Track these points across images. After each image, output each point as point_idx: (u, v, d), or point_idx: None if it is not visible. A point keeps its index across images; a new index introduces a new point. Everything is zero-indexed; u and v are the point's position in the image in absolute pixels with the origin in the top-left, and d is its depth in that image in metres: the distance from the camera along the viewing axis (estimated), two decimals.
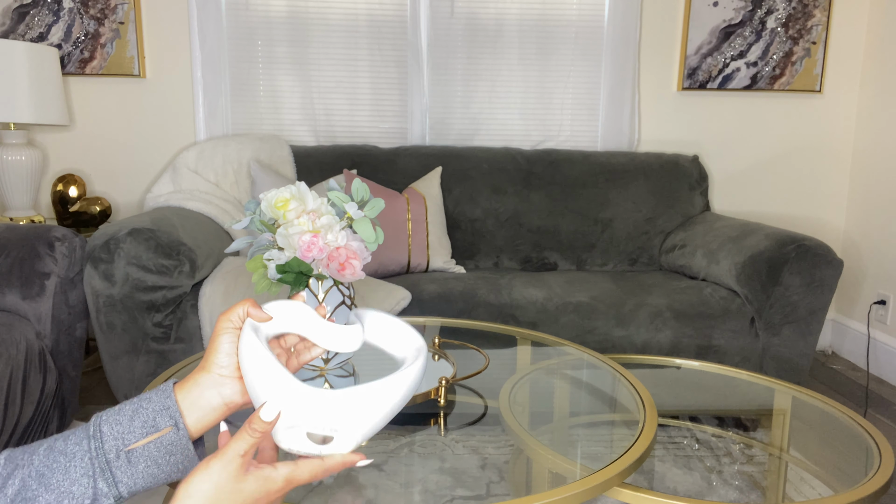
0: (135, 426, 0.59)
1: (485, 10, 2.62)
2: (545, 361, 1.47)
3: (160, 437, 0.59)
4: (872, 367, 2.59)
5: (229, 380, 0.62)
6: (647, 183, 2.52)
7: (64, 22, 2.50)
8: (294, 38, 2.59)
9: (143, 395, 0.61)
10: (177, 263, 1.78)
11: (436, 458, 1.05)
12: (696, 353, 1.96)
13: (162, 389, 0.61)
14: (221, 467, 0.54)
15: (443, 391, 1.16)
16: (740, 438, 1.36)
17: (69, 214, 2.48)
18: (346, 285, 1.24)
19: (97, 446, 0.57)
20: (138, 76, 2.57)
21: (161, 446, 0.59)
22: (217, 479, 0.54)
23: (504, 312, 1.94)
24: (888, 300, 2.53)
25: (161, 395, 0.60)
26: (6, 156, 2.30)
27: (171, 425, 0.59)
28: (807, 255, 1.90)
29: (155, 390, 0.61)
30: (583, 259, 2.50)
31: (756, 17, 2.65)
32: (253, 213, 1.22)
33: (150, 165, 2.64)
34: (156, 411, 0.59)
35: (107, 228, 1.78)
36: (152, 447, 0.58)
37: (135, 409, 0.60)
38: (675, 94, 2.72)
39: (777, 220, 2.82)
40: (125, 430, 0.58)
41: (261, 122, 2.64)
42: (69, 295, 1.73)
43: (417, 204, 2.28)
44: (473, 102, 2.68)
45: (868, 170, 2.69)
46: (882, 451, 1.10)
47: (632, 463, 0.94)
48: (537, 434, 1.11)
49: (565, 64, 2.67)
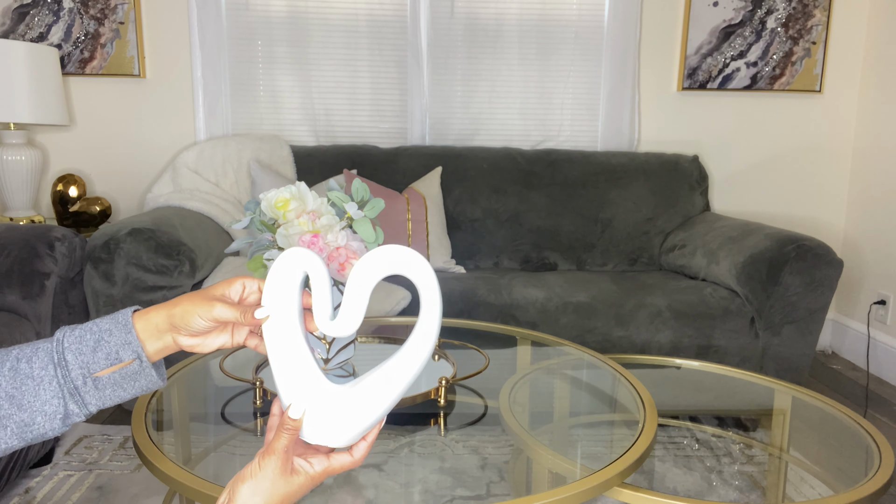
0: (98, 357, 0.63)
1: (485, 10, 2.62)
2: (545, 361, 1.47)
3: (124, 367, 0.64)
4: (872, 367, 2.59)
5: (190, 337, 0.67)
6: (647, 183, 2.52)
7: (64, 22, 2.50)
8: (294, 38, 2.59)
9: (104, 327, 0.64)
10: (177, 263, 1.78)
11: (436, 458, 1.05)
12: (696, 353, 1.96)
13: (122, 323, 0.65)
14: (273, 465, 0.63)
15: (443, 391, 1.16)
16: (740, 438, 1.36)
17: (69, 214, 2.48)
18: (346, 285, 1.24)
19: (64, 374, 0.62)
20: (138, 76, 2.57)
21: (126, 374, 0.64)
22: (272, 476, 0.62)
23: (504, 312, 1.94)
24: (888, 300, 2.53)
25: (122, 329, 0.64)
26: (6, 156, 2.30)
27: (134, 358, 0.64)
28: (807, 255, 1.90)
29: (115, 322, 0.65)
30: (583, 259, 2.50)
31: (756, 17, 2.65)
32: (253, 213, 1.22)
33: (150, 165, 2.64)
34: (118, 345, 0.64)
35: (107, 228, 1.78)
36: (117, 374, 0.64)
37: (97, 341, 0.64)
38: (675, 94, 2.72)
39: (777, 220, 2.82)
40: (89, 360, 0.63)
41: (261, 122, 2.64)
42: (69, 295, 1.73)
43: (417, 204, 2.28)
44: (473, 102, 2.68)
45: (868, 170, 2.69)
46: (882, 451, 1.10)
47: (632, 463, 0.94)
48: (537, 434, 1.11)
49: (565, 64, 2.67)
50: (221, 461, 1.05)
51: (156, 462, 0.92)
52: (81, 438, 1.81)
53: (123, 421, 1.93)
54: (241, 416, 1.17)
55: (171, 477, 0.88)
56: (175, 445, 1.06)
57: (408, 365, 0.66)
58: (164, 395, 1.19)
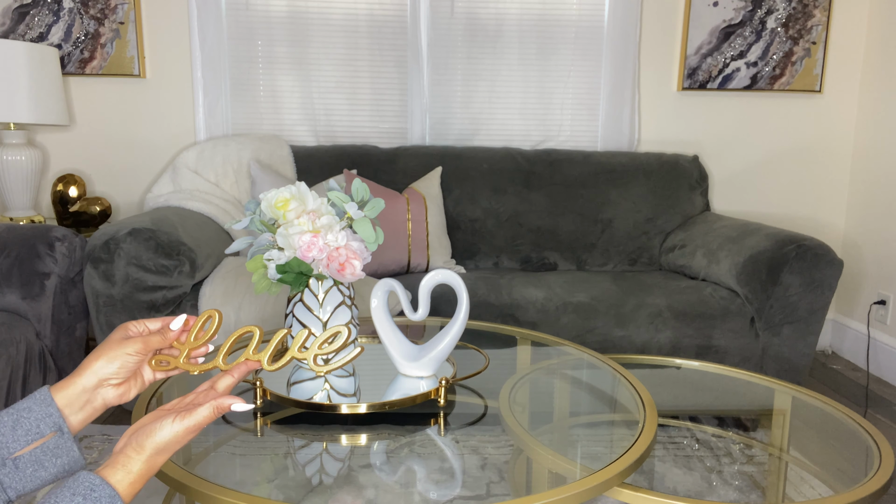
0: (18, 435, 0.63)
1: (485, 10, 2.62)
2: (545, 361, 1.47)
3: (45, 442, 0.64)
4: (872, 367, 2.59)
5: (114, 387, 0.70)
6: (647, 183, 2.52)
7: (64, 22, 2.50)
8: (294, 37, 2.59)
9: (21, 406, 0.65)
10: (177, 263, 1.78)
11: (436, 458, 1.05)
12: (696, 353, 1.96)
13: (40, 398, 0.65)
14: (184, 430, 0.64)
15: (443, 391, 1.16)
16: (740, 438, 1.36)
17: (69, 214, 2.48)
18: (346, 285, 1.24)
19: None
20: (138, 76, 2.57)
21: (47, 450, 0.64)
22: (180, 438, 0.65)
23: (504, 312, 1.94)
24: (888, 300, 2.53)
25: (41, 403, 0.65)
26: (6, 156, 2.30)
27: (55, 430, 0.65)
28: (807, 255, 1.90)
29: (33, 400, 0.65)
30: (583, 259, 2.50)
31: (756, 17, 2.65)
32: (253, 213, 1.22)
33: (150, 165, 2.64)
34: (38, 419, 0.64)
35: (107, 228, 1.78)
36: (38, 451, 0.64)
37: (15, 420, 0.64)
38: (675, 94, 2.72)
39: (777, 220, 2.82)
40: (8, 439, 0.63)
41: (261, 122, 2.64)
42: (69, 295, 1.73)
43: (417, 204, 2.28)
44: (473, 102, 2.68)
45: (868, 170, 2.69)
46: (882, 451, 1.10)
47: (632, 463, 0.94)
48: (537, 434, 1.11)
49: (565, 64, 2.67)
50: (221, 461, 1.05)
51: None
52: (81, 439, 1.81)
53: (123, 421, 1.93)
54: (241, 416, 1.17)
55: (171, 477, 0.88)
56: None
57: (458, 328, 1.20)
58: (164, 396, 1.19)
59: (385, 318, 1.23)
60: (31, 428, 0.64)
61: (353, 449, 1.09)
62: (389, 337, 1.23)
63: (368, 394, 1.17)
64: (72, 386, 0.68)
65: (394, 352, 1.23)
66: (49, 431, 0.64)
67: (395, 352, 1.23)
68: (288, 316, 1.24)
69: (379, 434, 1.11)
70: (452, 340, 1.21)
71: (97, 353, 0.70)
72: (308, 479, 1.00)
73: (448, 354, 1.23)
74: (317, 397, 1.15)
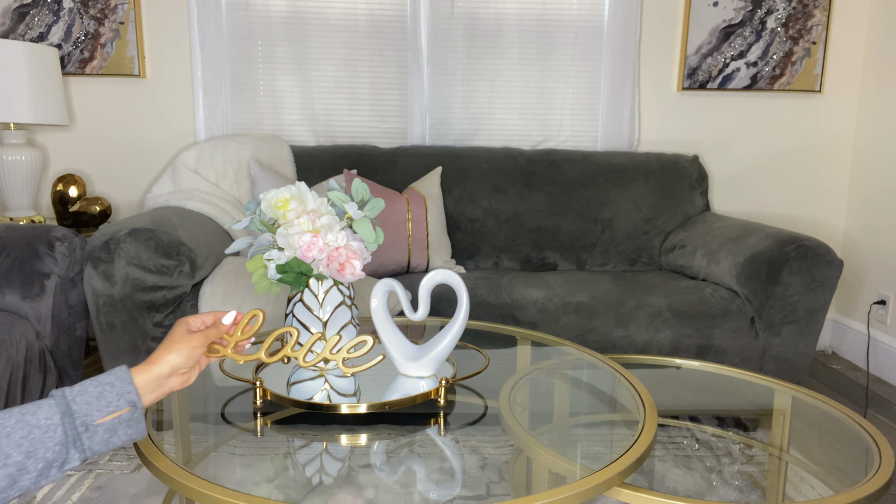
0: (101, 405, 0.75)
1: (485, 10, 2.62)
2: (545, 361, 1.47)
3: (121, 414, 0.76)
4: (872, 367, 2.59)
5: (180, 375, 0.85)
6: (647, 183, 2.52)
7: (64, 22, 2.50)
8: (294, 37, 2.59)
9: (105, 380, 0.77)
10: (177, 263, 1.78)
11: (436, 458, 1.05)
12: (696, 353, 1.96)
13: (121, 376, 0.78)
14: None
15: (443, 391, 1.16)
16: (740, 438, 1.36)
17: (69, 214, 2.48)
18: (346, 285, 1.24)
19: (69, 422, 0.72)
20: (138, 76, 2.57)
21: (122, 421, 0.76)
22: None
23: (504, 312, 1.94)
24: (888, 300, 2.53)
25: (122, 381, 0.77)
26: (6, 156, 2.30)
27: (130, 406, 0.77)
28: (807, 255, 1.90)
29: (114, 375, 0.78)
30: (583, 259, 2.50)
31: (756, 17, 2.65)
32: (253, 213, 1.22)
33: (150, 165, 2.64)
34: (119, 394, 0.76)
35: (107, 228, 1.78)
36: (115, 421, 0.75)
37: (100, 392, 0.75)
38: (675, 94, 2.72)
39: (777, 220, 2.82)
40: (93, 408, 0.74)
41: (261, 122, 2.64)
42: (69, 295, 1.73)
43: (417, 204, 2.28)
44: (473, 102, 2.68)
45: (868, 170, 2.69)
46: (882, 451, 1.10)
47: (632, 463, 0.94)
48: (537, 434, 1.11)
49: (565, 64, 2.67)
50: (221, 461, 1.05)
51: (156, 462, 0.92)
52: None
53: None
54: (241, 416, 1.17)
55: (171, 477, 0.88)
56: (175, 445, 1.06)
57: (458, 328, 1.21)
58: None
59: (385, 318, 1.23)
60: (111, 401, 0.75)
61: (353, 449, 1.09)
62: (389, 337, 1.23)
63: (368, 394, 1.17)
64: (147, 372, 0.80)
65: (394, 352, 1.23)
66: (125, 406, 0.76)
67: (395, 352, 1.23)
68: (288, 316, 1.24)
69: (379, 434, 1.11)
70: (452, 340, 1.21)
71: (168, 347, 0.83)
72: (308, 479, 1.00)
73: (448, 354, 1.23)
74: (317, 397, 1.15)
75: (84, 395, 0.74)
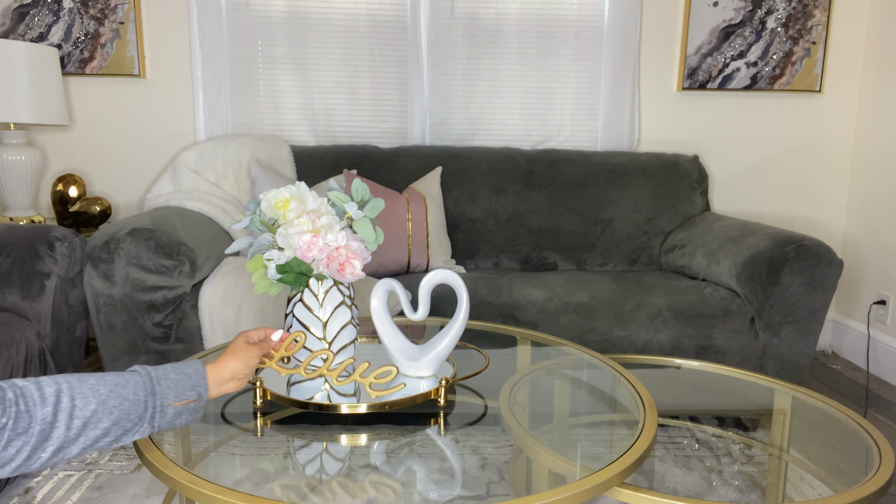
0: (178, 392, 0.86)
1: (485, 10, 2.62)
2: (545, 361, 1.47)
3: (189, 403, 0.87)
4: (872, 367, 2.59)
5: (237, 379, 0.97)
6: (647, 183, 2.52)
7: (64, 22, 2.50)
8: (294, 38, 2.59)
9: (185, 370, 0.88)
10: (177, 263, 1.78)
11: (436, 458, 1.05)
12: (696, 353, 1.96)
13: (197, 369, 0.90)
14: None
15: (443, 391, 1.16)
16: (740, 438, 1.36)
17: (69, 214, 2.48)
18: (346, 285, 1.24)
19: (152, 401, 0.82)
20: (138, 76, 2.57)
21: (189, 408, 0.87)
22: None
23: (504, 312, 1.94)
24: (888, 300, 2.53)
25: (196, 374, 0.89)
26: (6, 156, 2.30)
27: (197, 397, 0.88)
28: (807, 255, 1.90)
29: (190, 367, 0.89)
30: (583, 259, 2.50)
31: (756, 17, 2.65)
32: (253, 213, 1.22)
33: (150, 165, 2.64)
34: (192, 385, 0.88)
35: (107, 228, 1.78)
36: (183, 407, 0.86)
37: (179, 381, 0.86)
38: (675, 94, 2.72)
39: (777, 220, 2.82)
40: (171, 392, 0.85)
41: (261, 122, 2.64)
42: (69, 295, 1.73)
43: (417, 204, 2.28)
44: (473, 102, 2.68)
45: (868, 170, 2.69)
46: (882, 451, 1.10)
47: (632, 463, 0.94)
48: (537, 434, 1.11)
49: (565, 64, 2.67)
50: (221, 461, 1.05)
51: (156, 462, 0.92)
52: None
53: None
54: (241, 416, 1.17)
55: (171, 477, 0.88)
56: (175, 445, 1.06)
57: (458, 328, 1.22)
58: None
59: (385, 318, 1.23)
60: (186, 390, 0.86)
61: (353, 449, 1.09)
62: (389, 337, 1.23)
63: (368, 394, 1.17)
64: (214, 373, 0.93)
65: (394, 352, 1.23)
66: (195, 397, 0.87)
67: (396, 352, 1.23)
68: (288, 316, 1.24)
69: (379, 434, 1.11)
70: (452, 340, 1.21)
71: (232, 356, 0.96)
72: (308, 479, 1.00)
73: (448, 354, 1.23)
74: (317, 397, 1.15)
75: (167, 381, 0.85)
